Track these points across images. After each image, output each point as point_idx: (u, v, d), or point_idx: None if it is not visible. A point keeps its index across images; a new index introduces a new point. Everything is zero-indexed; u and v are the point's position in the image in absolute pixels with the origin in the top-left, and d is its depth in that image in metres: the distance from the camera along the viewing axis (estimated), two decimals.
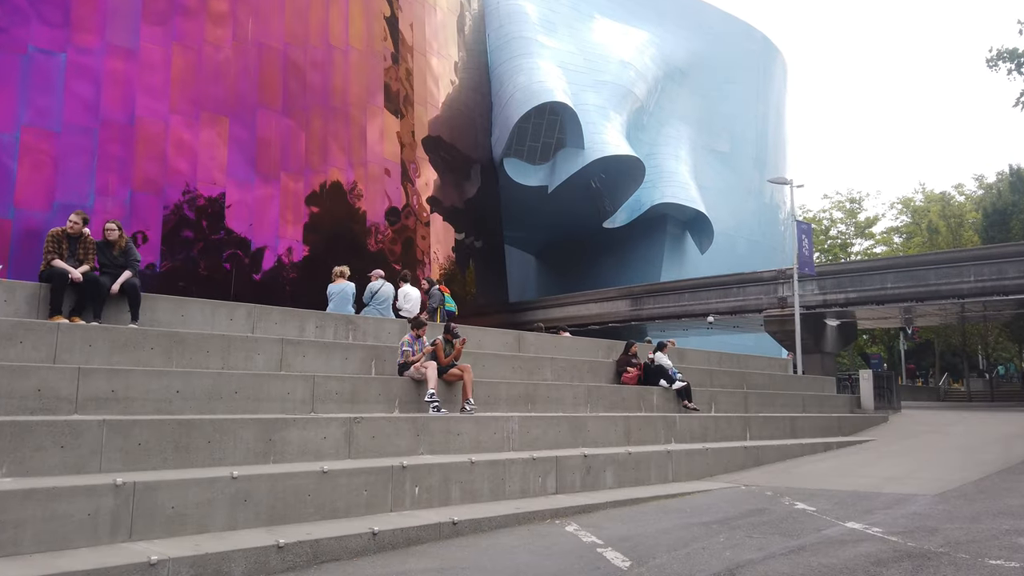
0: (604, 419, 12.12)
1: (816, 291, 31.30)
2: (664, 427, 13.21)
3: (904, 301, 29.32)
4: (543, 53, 42.34)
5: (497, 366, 12.75)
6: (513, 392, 11.89)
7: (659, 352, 15.67)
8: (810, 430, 16.77)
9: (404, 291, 13.49)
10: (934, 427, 19.67)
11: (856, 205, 73.21)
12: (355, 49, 29.90)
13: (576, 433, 11.47)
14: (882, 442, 16.77)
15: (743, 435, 14.88)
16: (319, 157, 28.04)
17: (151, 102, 23.39)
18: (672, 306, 35.76)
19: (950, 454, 14.59)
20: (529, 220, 50.69)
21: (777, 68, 61.64)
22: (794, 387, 19.61)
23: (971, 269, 27.45)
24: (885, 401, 21.86)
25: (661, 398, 14.68)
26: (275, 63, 26.90)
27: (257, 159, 25.76)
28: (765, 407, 17.11)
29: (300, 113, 27.58)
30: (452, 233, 36.74)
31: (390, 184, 31.47)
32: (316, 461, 8.14)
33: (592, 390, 13.29)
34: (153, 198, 23.17)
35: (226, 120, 25.05)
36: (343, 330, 11.75)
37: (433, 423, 9.57)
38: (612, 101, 43.47)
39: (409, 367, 10.44)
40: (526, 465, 9.58)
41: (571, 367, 14.21)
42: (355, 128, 29.58)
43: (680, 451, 12.10)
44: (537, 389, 12.30)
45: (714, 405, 15.90)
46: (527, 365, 13.41)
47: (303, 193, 27.24)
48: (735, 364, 19.52)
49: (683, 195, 45.83)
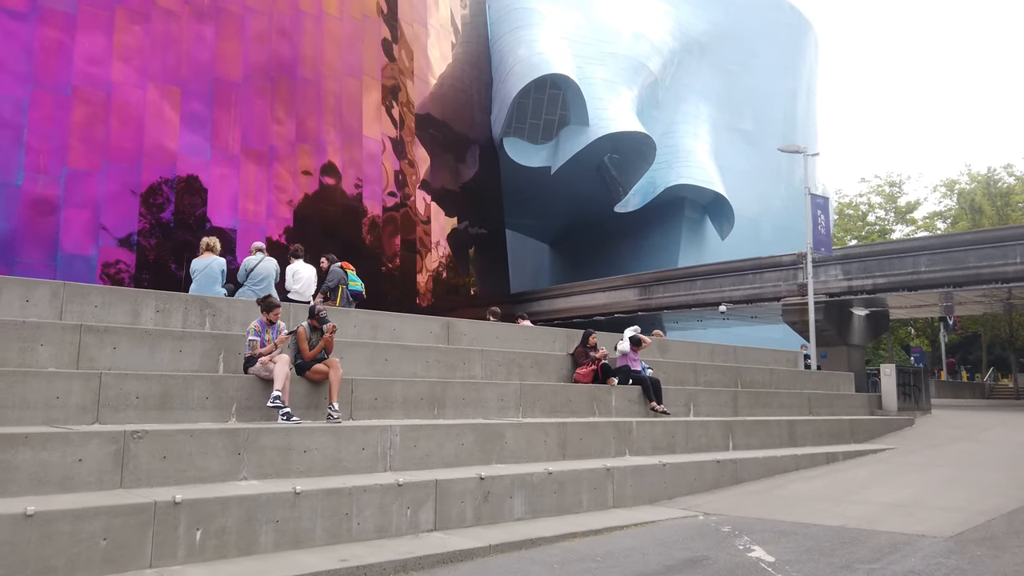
0: (531, 427, 9.66)
1: (840, 276, 28.23)
2: (616, 436, 10.69)
3: (940, 286, 26.12)
4: (547, 25, 39.59)
5: (404, 361, 10.36)
6: (413, 393, 9.49)
7: (623, 343, 13.07)
8: (813, 437, 14.05)
9: (293, 269, 11.10)
10: (967, 432, 16.75)
11: (896, 189, 69.02)
12: (330, 15, 27.66)
13: (487, 446, 9.04)
14: (900, 451, 13.98)
15: (724, 444, 12.28)
16: (289, 134, 25.88)
17: (92, 69, 21.39)
18: (684, 294, 32.92)
19: (980, 470, 11.78)
20: (541, 207, 48.11)
21: (808, 42, 57.77)
22: (800, 385, 16.85)
23: (1017, 249, 24.15)
24: (912, 400, 18.94)
25: (622, 399, 12.14)
26: (234, 29, 24.76)
27: (214, 135, 23.66)
28: (759, 409, 14.45)
29: (266, 85, 25.44)
30: (448, 219, 34.36)
31: (373, 164, 29.20)
32: (57, 494, 5.88)
33: (528, 390, 10.82)
34: (92, 176, 21.21)
35: (177, 91, 23.02)
36: (196, 316, 9.45)
37: (266, 437, 7.22)
38: (623, 75, 40.52)
39: (255, 361, 8.10)
40: (387, 494, 7.18)
41: (509, 362, 11.74)
42: (331, 102, 27.36)
43: (627, 468, 9.60)
44: (449, 389, 9.89)
45: (693, 407, 13.30)
46: (448, 359, 10.98)
47: (267, 173, 25.11)
48: (729, 358, 16.82)
49: (701, 176, 42.73)
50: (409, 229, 31.43)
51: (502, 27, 39.47)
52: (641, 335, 13.39)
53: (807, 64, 57.84)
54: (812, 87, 59.44)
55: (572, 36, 40.80)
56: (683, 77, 46.57)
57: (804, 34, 57.66)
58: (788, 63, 54.30)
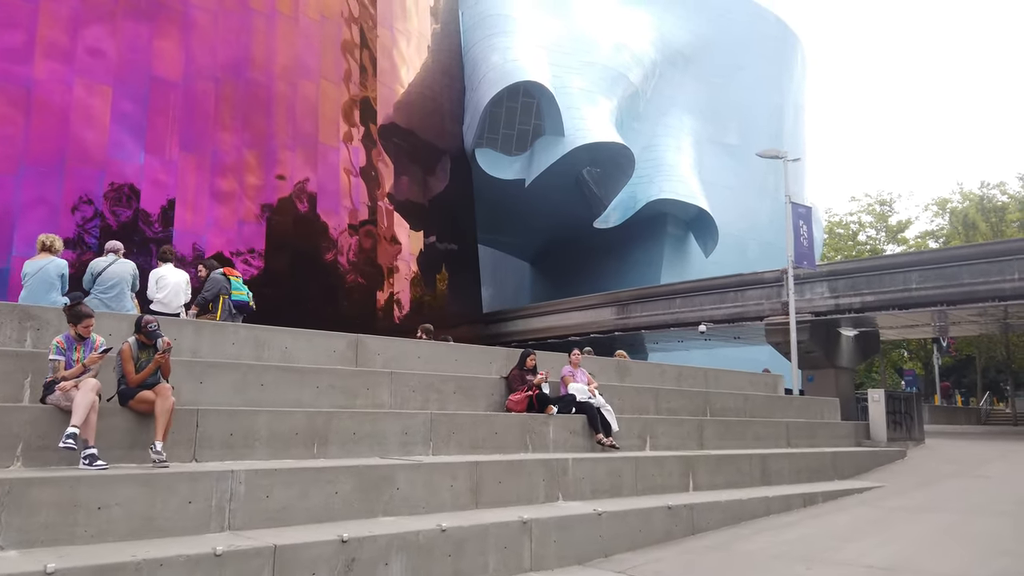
0: (434, 468, 7.86)
1: (827, 294, 26.54)
2: (547, 477, 8.89)
3: (932, 305, 24.44)
4: (523, 32, 38.09)
5: (286, 386, 8.56)
6: (285, 427, 7.68)
7: (569, 367, 11.31)
8: (789, 474, 12.25)
9: (159, 274, 9.28)
10: (964, 466, 14.97)
11: (887, 208, 68.17)
12: (283, 15, 26.05)
13: (372, 494, 7.24)
14: (889, 490, 12.18)
15: (682, 484, 10.48)
16: (235, 139, 24.15)
17: (9, 65, 19.68)
18: (663, 313, 31.17)
19: (981, 517, 9.99)
20: (520, 224, 46.46)
21: (795, 56, 56.47)
22: (778, 412, 15.06)
23: (1014, 264, 22.53)
24: (903, 429, 17.17)
25: (562, 431, 10.35)
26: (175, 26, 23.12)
27: (148, 138, 21.90)
28: (728, 441, 12.66)
29: (209, 87, 23.72)
30: (416, 233, 32.58)
31: (330, 173, 27.46)
32: None
33: (441, 421, 9.02)
34: (8, 179, 19.42)
35: (108, 90, 21.30)
36: (14, 330, 7.65)
37: (38, 489, 5.44)
38: (602, 85, 38.99)
39: (53, 388, 6.30)
40: (198, 567, 5.36)
41: (426, 387, 9.94)
42: (283, 106, 25.65)
43: (552, 520, 7.79)
44: (336, 421, 8.09)
45: (649, 439, 11.51)
46: (348, 384, 9.19)
47: (209, 181, 23.31)
48: (698, 382, 15.04)
49: (683, 191, 41.10)
50: (372, 244, 29.66)
51: (476, 34, 37.99)
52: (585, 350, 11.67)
53: (795, 78, 56.57)
54: (800, 102, 58.13)
55: (550, 44, 39.33)
56: (666, 89, 45.11)
57: (791, 47, 56.45)
58: (774, 76, 52.98)
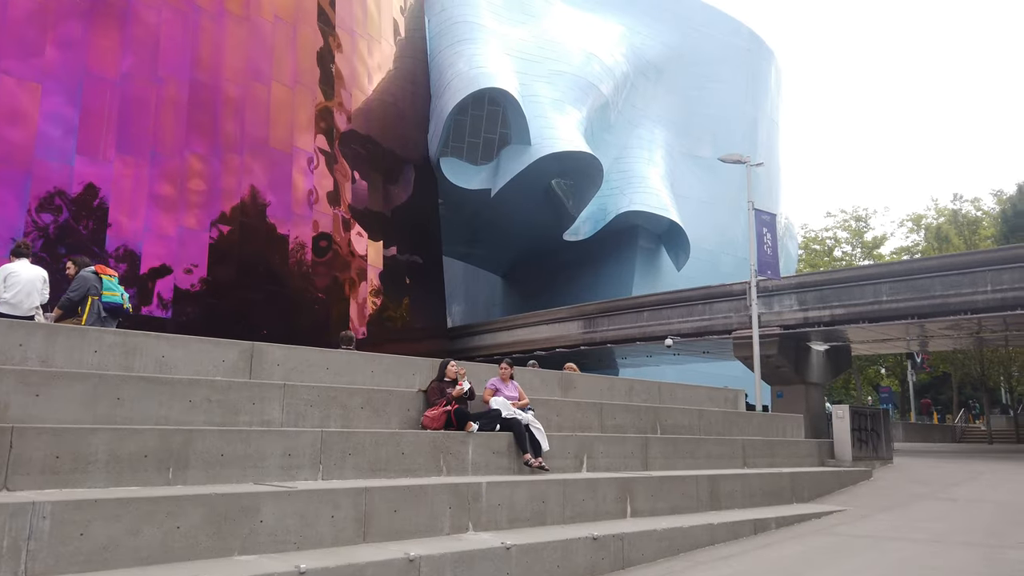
0: (313, 496, 6.75)
1: (796, 307, 25.67)
2: (455, 504, 7.80)
3: (903, 318, 23.61)
4: (491, 40, 37.26)
5: (151, 400, 7.42)
6: (132, 448, 6.55)
7: (496, 380, 10.24)
8: (742, 497, 11.20)
9: (7, 271, 8.08)
10: (933, 487, 13.99)
11: (862, 223, 68.19)
12: (232, 14, 24.99)
13: (227, 528, 6.11)
14: (850, 515, 11.17)
15: (618, 510, 9.41)
16: (177, 140, 22.97)
17: None
18: (630, 327, 30.18)
19: (948, 547, 8.97)
20: (490, 236, 45.45)
21: (769, 70, 56.08)
22: (735, 430, 14.04)
23: (987, 276, 21.76)
24: (870, 448, 16.22)
25: (483, 451, 9.25)
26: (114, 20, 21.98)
27: (81, 137, 20.69)
28: (677, 461, 11.61)
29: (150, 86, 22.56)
30: (374, 243, 31.43)
31: (282, 179, 26.31)
32: None
33: (334, 440, 7.91)
34: None
35: (37, 87, 20.10)
36: None
37: None
38: (571, 95, 38.16)
39: None
40: None
41: (327, 401, 8.82)
42: (231, 108, 24.51)
43: (448, 557, 6.69)
44: (200, 441, 6.95)
45: (587, 459, 10.44)
46: (232, 398, 8.05)
47: (147, 183, 22.08)
48: (651, 396, 14.00)
49: (654, 202, 40.26)
50: (327, 255, 28.47)
51: (442, 41, 37.11)
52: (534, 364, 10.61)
53: (769, 93, 56.19)
54: (775, 117, 57.74)
55: (518, 53, 38.51)
56: (637, 101, 44.41)
57: (766, 62, 56.11)
58: (748, 90, 52.53)
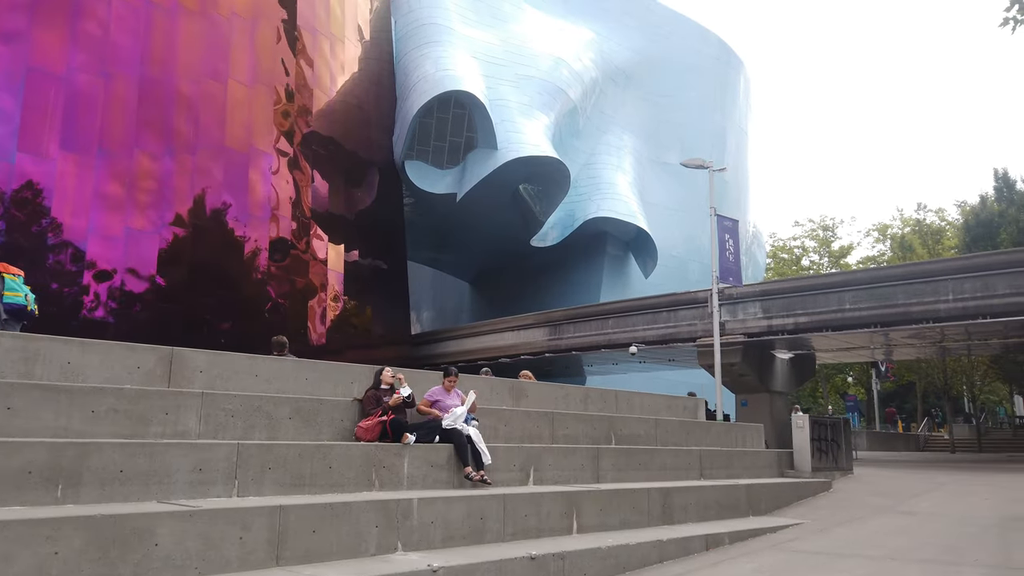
0: (217, 515, 6.18)
1: (760, 314, 25.50)
2: (383, 523, 7.26)
3: (866, 326, 23.51)
4: (458, 43, 36.82)
5: (51, 411, 6.80)
6: (14, 463, 5.95)
7: (438, 389, 9.73)
8: (696, 510, 10.79)
9: None
10: (893, 499, 13.70)
11: (830, 233, 69.03)
12: (187, 9, 24.28)
13: (115, 553, 5.53)
14: (807, 529, 10.79)
15: (564, 526, 8.93)
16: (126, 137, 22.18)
17: None
18: (595, 334, 29.82)
19: (905, 565, 8.60)
20: (458, 242, 44.86)
21: (738, 79, 56.34)
22: (693, 440, 13.65)
23: (949, 285, 21.72)
24: (830, 458, 15.93)
25: (421, 464, 8.72)
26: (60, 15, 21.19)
27: (23, 133, 19.85)
28: (630, 473, 11.17)
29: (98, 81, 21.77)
30: (335, 247, 30.74)
31: (239, 180, 25.56)
32: None
33: (251, 453, 7.35)
34: None
35: None
36: None
37: None
38: (539, 99, 37.81)
39: None
40: None
41: (252, 411, 8.24)
42: (183, 106, 23.78)
43: None
44: (93, 456, 6.35)
45: (533, 472, 9.95)
46: (143, 408, 7.45)
47: (93, 182, 21.25)
48: (608, 405, 13.57)
49: (622, 209, 40.03)
50: (286, 258, 27.74)
51: (408, 43, 36.57)
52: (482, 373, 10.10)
53: (738, 102, 56.42)
54: (744, 126, 57.99)
55: (486, 56, 38.07)
56: (606, 107, 44.23)
57: (735, 71, 56.35)
58: (717, 99, 52.67)
